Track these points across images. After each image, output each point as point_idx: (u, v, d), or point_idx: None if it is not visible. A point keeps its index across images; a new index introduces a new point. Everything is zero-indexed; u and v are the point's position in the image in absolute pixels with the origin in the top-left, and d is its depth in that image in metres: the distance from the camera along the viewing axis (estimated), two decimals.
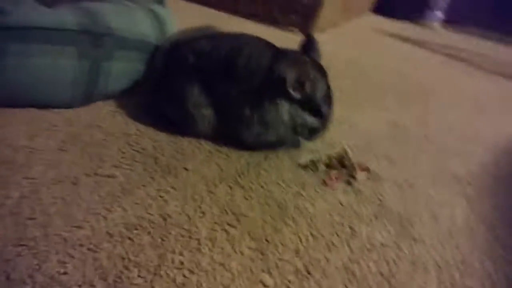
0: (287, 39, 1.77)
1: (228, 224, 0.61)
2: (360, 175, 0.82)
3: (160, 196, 0.64)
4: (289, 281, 0.54)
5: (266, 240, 0.60)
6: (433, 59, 2.19)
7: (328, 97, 0.82)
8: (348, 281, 0.56)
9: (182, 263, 0.53)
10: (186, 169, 0.72)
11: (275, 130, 0.80)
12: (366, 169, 0.84)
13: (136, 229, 0.56)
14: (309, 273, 0.56)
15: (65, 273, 0.48)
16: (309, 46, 0.88)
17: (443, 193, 0.83)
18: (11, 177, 0.59)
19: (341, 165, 0.84)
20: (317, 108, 0.80)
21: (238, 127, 0.81)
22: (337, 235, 0.64)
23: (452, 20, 3.43)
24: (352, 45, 2.08)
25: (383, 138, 1.03)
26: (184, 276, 0.51)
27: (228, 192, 0.68)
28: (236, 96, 0.79)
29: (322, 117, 0.82)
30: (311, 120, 0.81)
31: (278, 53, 0.81)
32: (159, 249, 0.54)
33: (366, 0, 2.89)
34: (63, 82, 0.79)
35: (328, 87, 0.82)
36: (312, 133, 0.83)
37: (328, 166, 0.83)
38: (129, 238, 0.54)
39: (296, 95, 0.78)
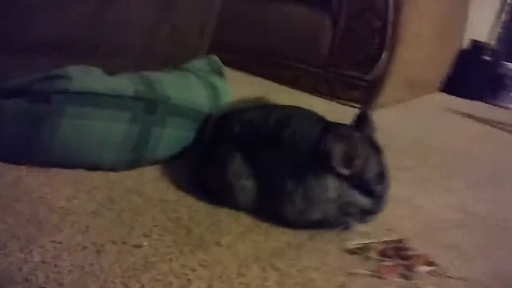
0: (348, 114, 1.73)
1: None
2: (421, 269, 0.69)
3: (185, 274, 0.58)
4: None
5: None
6: (508, 141, 1.99)
7: (383, 176, 0.74)
8: None
9: None
10: (219, 244, 0.66)
11: (320, 207, 0.73)
12: (429, 263, 0.71)
13: None
14: None
15: None
16: (363, 121, 0.83)
17: None
18: (38, 239, 0.57)
19: (398, 255, 0.72)
20: (369, 186, 0.73)
21: (279, 202, 0.75)
22: None
23: None
24: (417, 122, 1.98)
25: (450, 225, 0.89)
26: None
27: (260, 276, 0.61)
28: (279, 168, 0.75)
29: (375, 197, 0.74)
30: (362, 199, 0.73)
31: (328, 127, 0.76)
32: None
33: (433, 78, 2.80)
34: (111, 145, 0.80)
35: (383, 165, 0.75)
36: (364, 214, 0.75)
37: (382, 254, 0.72)
38: None
39: (343, 171, 0.71)
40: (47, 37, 0.78)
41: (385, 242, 0.74)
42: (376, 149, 0.76)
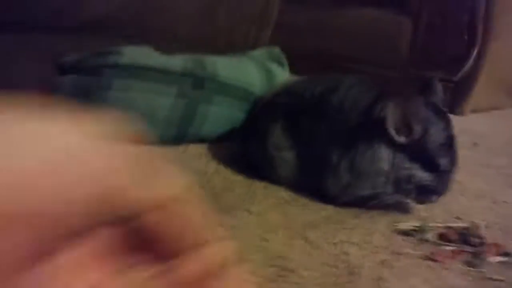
0: None
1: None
2: (492, 259, 0.56)
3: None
4: None
5: None
6: None
7: (450, 148, 0.63)
8: None
9: None
10: (249, 211, 0.61)
11: (369, 181, 0.63)
12: (504, 253, 0.57)
13: None
14: None
15: None
16: (429, 89, 0.72)
17: None
18: None
19: (464, 241, 0.59)
20: (432, 159, 0.61)
21: (323, 175, 0.67)
22: None
23: None
24: None
25: None
26: None
27: (286, 243, 0.54)
28: (324, 137, 0.67)
29: (439, 173, 0.62)
30: (421, 174, 0.62)
31: (384, 92, 0.67)
32: None
33: None
34: (156, 119, 0.81)
35: (451, 136, 0.63)
36: (424, 193, 0.63)
37: (443, 238, 0.60)
38: None
39: (399, 138, 0.61)
40: (98, 16, 0.83)
41: (449, 227, 0.62)
42: (442, 116, 0.64)
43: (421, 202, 0.64)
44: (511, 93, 2.12)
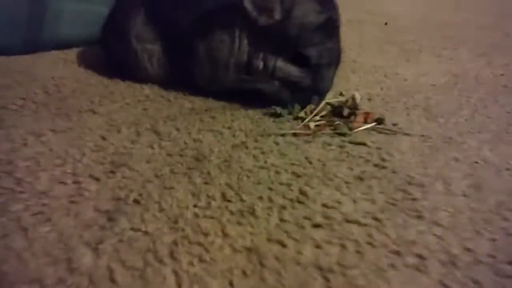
0: None
1: (93, 177, 0.39)
2: (361, 125, 0.52)
3: (24, 139, 0.45)
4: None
5: (137, 201, 0.36)
6: None
7: (326, 38, 0.52)
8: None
9: None
10: (93, 112, 0.53)
11: (231, 71, 0.56)
12: (376, 120, 0.53)
13: None
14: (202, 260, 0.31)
15: None
16: None
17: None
18: None
19: (338, 114, 0.55)
20: (299, 48, 0.52)
21: (188, 65, 0.59)
22: (270, 200, 0.37)
23: None
24: (432, 5, 1.66)
25: (429, 89, 0.69)
26: None
27: (129, 138, 0.47)
28: (186, 23, 0.58)
29: (310, 67, 0.53)
30: (286, 67, 0.53)
31: None
32: None
33: None
34: None
35: (329, 24, 0.52)
36: (298, 90, 0.54)
37: (312, 111, 0.54)
38: None
39: (258, 18, 0.52)
40: None
41: (326, 103, 0.56)
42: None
43: (300, 101, 0.55)
44: None
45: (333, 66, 0.53)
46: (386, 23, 1.17)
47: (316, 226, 0.34)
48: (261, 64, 0.52)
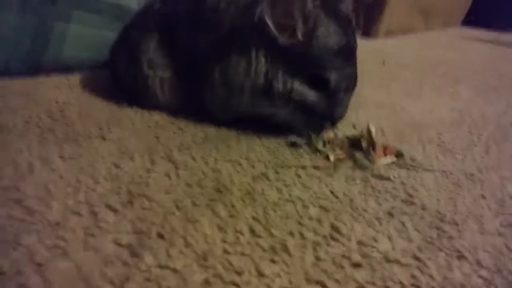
0: None
1: (109, 208, 0.36)
2: (383, 160, 0.51)
3: (31, 165, 0.42)
4: None
5: (160, 235, 0.33)
6: None
7: (345, 62, 0.51)
8: None
9: None
10: (103, 138, 0.50)
11: (246, 96, 0.53)
12: (396, 154, 0.52)
13: None
14: None
15: None
16: None
17: None
18: None
19: (357, 147, 0.54)
20: (318, 71, 0.50)
21: (202, 91, 0.57)
22: (302, 236, 0.35)
23: None
24: (426, 45, 1.72)
25: (436, 124, 0.69)
26: None
27: (144, 167, 0.44)
28: (201, 47, 0.56)
29: (328, 91, 0.51)
30: (304, 90, 0.51)
31: None
32: None
33: (452, 7, 2.48)
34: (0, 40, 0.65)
35: (348, 48, 0.51)
36: (312, 115, 0.52)
37: (333, 146, 0.53)
38: None
39: (280, 37, 0.51)
40: None
41: (345, 137, 0.55)
42: (339, 21, 0.51)
43: (313, 127, 0.53)
44: (424, 16, 2.14)
45: (349, 92, 0.53)
46: (384, 61, 1.20)
47: (356, 265, 0.32)
48: (281, 86, 0.51)
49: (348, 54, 0.51)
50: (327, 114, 0.52)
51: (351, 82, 0.52)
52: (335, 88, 0.51)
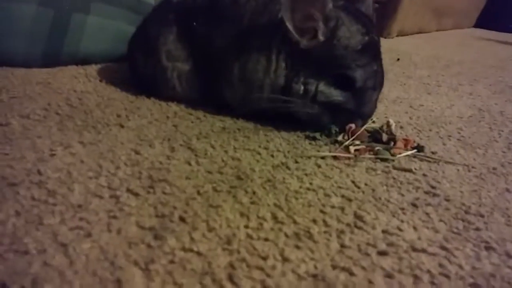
0: None
1: (131, 192, 0.36)
2: (403, 151, 0.50)
3: (51, 150, 0.42)
4: None
5: (183, 218, 0.33)
6: None
7: (369, 60, 0.50)
8: None
9: None
10: (121, 126, 0.50)
11: (262, 93, 0.53)
12: (416, 147, 0.52)
13: None
14: None
15: None
16: None
17: None
18: None
19: (375, 139, 0.53)
20: (344, 69, 0.49)
21: (221, 85, 0.57)
22: (326, 224, 0.34)
23: None
24: (439, 44, 1.70)
25: (457, 120, 0.68)
26: None
27: (163, 153, 0.44)
28: (220, 42, 0.56)
29: (355, 89, 0.50)
30: (330, 92, 0.50)
31: None
32: None
33: (466, 9, 2.46)
34: (17, 32, 0.65)
35: (371, 45, 0.50)
36: (337, 112, 0.51)
37: (349, 135, 0.52)
38: None
39: (301, 40, 0.50)
40: None
41: (364, 130, 0.54)
42: (360, 19, 0.51)
43: (341, 124, 0.52)
44: (438, 17, 2.12)
45: (377, 90, 0.52)
46: (398, 59, 1.19)
47: (382, 253, 0.31)
48: (302, 89, 0.50)
49: (372, 52, 0.51)
50: (356, 113, 0.51)
51: (377, 79, 0.51)
52: (362, 86, 0.50)
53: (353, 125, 0.52)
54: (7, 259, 0.27)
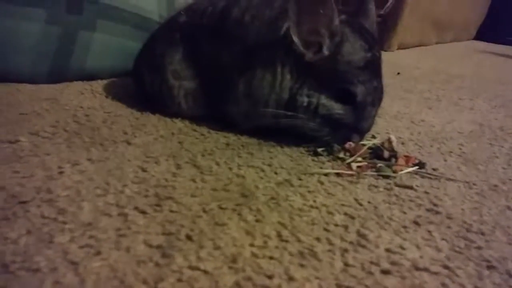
0: None
1: (138, 210, 0.37)
2: (404, 168, 0.51)
3: (60, 167, 0.43)
4: None
5: (189, 237, 0.34)
6: None
7: (371, 76, 0.51)
8: None
9: None
10: (128, 143, 0.51)
11: (268, 107, 0.53)
12: (417, 164, 0.52)
13: None
14: None
15: None
16: (360, 9, 0.61)
17: None
18: None
19: (377, 155, 0.54)
20: (346, 84, 0.50)
21: (226, 102, 0.58)
22: (329, 242, 0.35)
23: None
24: (440, 58, 1.72)
25: (458, 136, 0.69)
26: None
27: (169, 171, 0.45)
28: (226, 59, 0.57)
29: (355, 105, 0.51)
30: (331, 104, 0.51)
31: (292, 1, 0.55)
32: None
33: (466, 22, 2.48)
34: (24, 49, 0.66)
35: (373, 62, 0.52)
36: (339, 128, 0.52)
37: (351, 152, 0.53)
38: None
39: (306, 53, 0.51)
40: None
41: (362, 144, 0.55)
42: (363, 36, 0.52)
43: (339, 139, 0.53)
44: (438, 30, 2.14)
45: (376, 106, 0.53)
46: (398, 73, 1.20)
47: (385, 272, 0.32)
48: (306, 100, 0.51)
49: (374, 68, 0.52)
50: (355, 127, 0.52)
51: (377, 95, 0.53)
52: (362, 101, 0.51)
53: (352, 143, 0.53)
54: (20, 277, 0.27)
